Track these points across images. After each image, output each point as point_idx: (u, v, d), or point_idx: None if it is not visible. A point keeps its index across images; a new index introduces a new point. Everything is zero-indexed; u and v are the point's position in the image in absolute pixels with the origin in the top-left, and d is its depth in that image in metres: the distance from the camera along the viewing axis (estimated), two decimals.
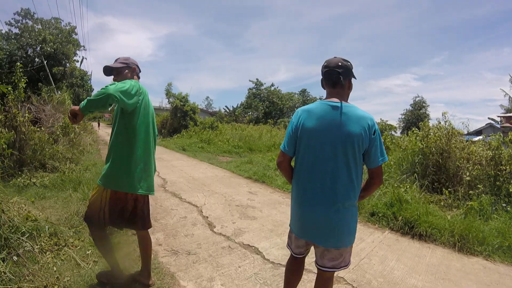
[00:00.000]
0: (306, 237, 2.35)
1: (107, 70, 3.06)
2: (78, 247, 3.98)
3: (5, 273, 2.93)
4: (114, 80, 3.04)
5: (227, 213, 5.76)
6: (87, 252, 3.83)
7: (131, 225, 3.04)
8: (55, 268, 3.42)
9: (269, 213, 5.91)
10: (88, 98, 2.52)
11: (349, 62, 2.30)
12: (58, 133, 9.46)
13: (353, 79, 2.37)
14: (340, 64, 2.24)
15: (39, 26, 30.43)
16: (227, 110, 40.36)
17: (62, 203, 5.71)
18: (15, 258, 3.31)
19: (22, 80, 7.49)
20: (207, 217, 5.50)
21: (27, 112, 7.74)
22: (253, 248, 4.31)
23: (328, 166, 2.17)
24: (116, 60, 3.13)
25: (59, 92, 13.66)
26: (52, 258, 3.63)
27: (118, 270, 3.12)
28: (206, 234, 4.73)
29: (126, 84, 2.69)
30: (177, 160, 12.45)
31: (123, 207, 2.91)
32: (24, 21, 30.96)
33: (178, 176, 8.99)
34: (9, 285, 2.87)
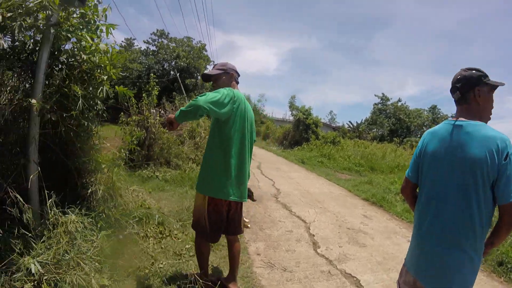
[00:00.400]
0: (413, 272, 2.02)
1: (205, 77, 3.12)
2: (180, 240, 4.18)
3: (104, 247, 3.22)
4: (213, 86, 3.06)
5: (335, 235, 5.32)
6: (187, 246, 3.97)
7: (224, 231, 3.06)
8: (153, 254, 3.63)
9: (381, 242, 5.24)
10: (181, 108, 2.60)
11: (473, 70, 1.91)
12: (185, 135, 10.56)
13: (495, 89, 1.93)
14: (459, 77, 1.94)
15: (173, 44, 36.34)
16: (351, 126, 38.99)
17: (177, 197, 6.22)
18: (120, 236, 3.66)
19: (155, 88, 8.66)
20: (314, 235, 5.18)
21: (158, 115, 8.86)
22: (355, 279, 3.84)
23: (445, 196, 1.83)
24: (214, 66, 3.14)
25: (190, 100, 15.40)
26: (153, 244, 3.89)
27: (205, 275, 3.10)
28: (308, 253, 4.43)
29: (219, 93, 2.67)
30: (295, 172, 12.42)
31: (221, 214, 2.91)
32: (159, 40, 37.44)
33: (292, 188, 8.89)
34: (105, 258, 3.13)
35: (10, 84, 3.33)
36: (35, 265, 2.64)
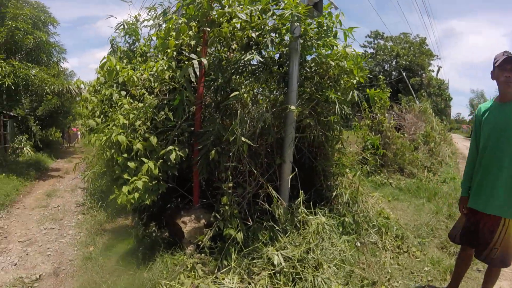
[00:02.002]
0: None
1: None
2: (418, 259, 3.76)
3: (344, 251, 3.15)
4: (507, 77, 2.44)
5: None
6: (425, 268, 3.54)
7: None
8: (389, 270, 3.35)
9: None
10: None
11: None
12: (419, 141, 9.61)
13: None
14: None
15: (390, 43, 34.37)
16: None
17: (413, 209, 5.64)
18: (358, 244, 3.55)
19: (386, 90, 8.23)
20: None
21: (392, 119, 8.42)
22: None
23: None
24: (505, 54, 2.48)
25: (418, 101, 14.00)
26: (390, 258, 3.61)
27: None
28: None
29: None
30: None
31: None
32: (375, 41, 36.11)
33: None
34: (344, 264, 3.08)
35: (265, 94, 3.85)
36: (278, 256, 2.86)
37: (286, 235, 3.17)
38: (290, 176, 3.19)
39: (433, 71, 32.31)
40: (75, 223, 5.40)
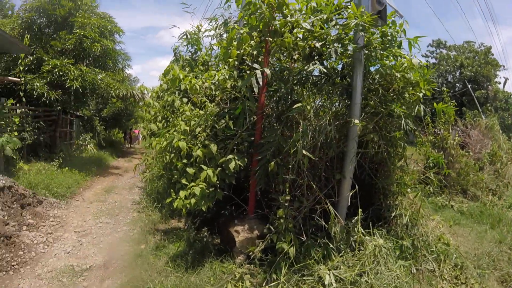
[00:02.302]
0: None
1: None
2: None
3: (399, 278, 2.93)
4: None
5: None
6: None
7: None
8: None
9: None
10: None
11: None
12: (485, 160, 8.80)
13: None
14: None
15: (454, 53, 31.98)
16: None
17: (475, 236, 5.18)
18: (414, 270, 3.33)
19: (451, 104, 7.61)
20: None
21: (456, 135, 7.82)
22: None
23: None
24: None
25: (483, 116, 12.84)
26: None
27: None
28: None
29: None
30: None
31: None
32: (438, 51, 33.84)
33: None
34: None
35: (327, 106, 3.75)
36: (329, 276, 2.74)
37: (340, 254, 3.05)
38: (350, 193, 3.06)
39: (499, 83, 29.68)
40: (130, 220, 5.63)
